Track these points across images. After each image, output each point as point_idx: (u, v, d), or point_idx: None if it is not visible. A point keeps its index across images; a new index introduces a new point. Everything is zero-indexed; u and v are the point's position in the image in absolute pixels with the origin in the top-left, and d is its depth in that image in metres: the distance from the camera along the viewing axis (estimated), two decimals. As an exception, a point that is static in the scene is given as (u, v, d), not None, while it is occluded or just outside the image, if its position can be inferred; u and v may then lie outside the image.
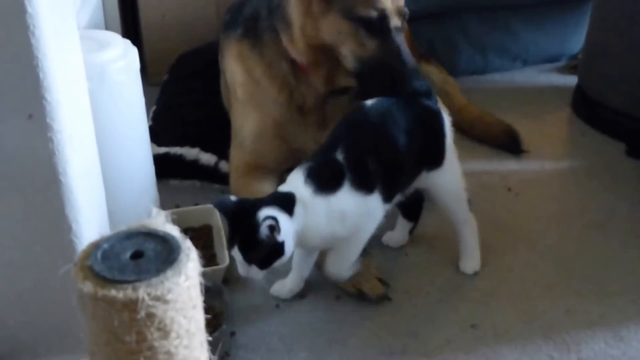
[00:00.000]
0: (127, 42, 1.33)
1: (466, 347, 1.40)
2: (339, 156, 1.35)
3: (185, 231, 1.61)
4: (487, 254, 1.65)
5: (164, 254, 0.83)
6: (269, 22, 1.67)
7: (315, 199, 1.32)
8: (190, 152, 1.91)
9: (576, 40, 2.64)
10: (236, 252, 1.30)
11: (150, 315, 0.78)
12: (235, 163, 1.80)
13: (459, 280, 1.58)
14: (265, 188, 1.77)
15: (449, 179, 1.52)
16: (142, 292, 0.77)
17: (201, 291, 0.89)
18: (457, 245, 1.61)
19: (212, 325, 1.37)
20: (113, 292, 0.77)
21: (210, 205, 1.70)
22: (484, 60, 2.60)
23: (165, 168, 1.88)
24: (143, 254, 0.83)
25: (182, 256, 0.82)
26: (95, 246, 0.82)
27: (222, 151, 1.89)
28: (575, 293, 1.54)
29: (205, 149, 1.91)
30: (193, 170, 1.90)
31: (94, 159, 1.18)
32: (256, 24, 1.71)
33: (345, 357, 1.38)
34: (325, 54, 1.59)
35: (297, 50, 1.61)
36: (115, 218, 1.28)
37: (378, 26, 1.51)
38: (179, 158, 1.90)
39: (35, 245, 1.10)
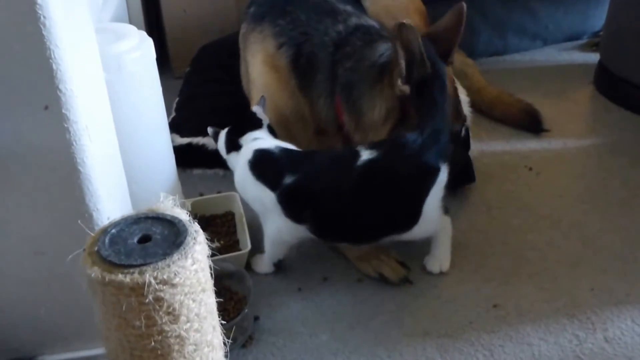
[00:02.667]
0: (143, 33, 1.31)
1: (489, 328, 1.35)
2: (288, 179, 1.35)
3: (209, 218, 1.65)
4: (509, 233, 1.60)
5: (171, 238, 0.80)
6: (328, 86, 1.59)
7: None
8: (212, 142, 1.88)
9: (598, 17, 2.54)
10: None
11: (158, 299, 0.76)
12: None
13: (480, 260, 1.53)
14: None
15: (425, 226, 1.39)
16: (148, 276, 0.74)
17: (211, 274, 0.86)
18: (481, 223, 1.56)
19: (236, 309, 1.36)
20: (120, 277, 0.75)
21: (232, 193, 1.68)
22: (502, 40, 2.52)
23: (188, 158, 1.87)
24: (150, 238, 0.81)
25: (189, 239, 0.80)
26: (103, 231, 0.80)
27: (243, 139, 1.86)
28: (600, 271, 1.48)
29: (227, 138, 1.88)
30: (215, 159, 1.87)
31: (113, 148, 1.16)
32: (312, 74, 1.61)
33: (367, 339, 1.35)
34: None
35: (355, 138, 1.54)
36: (137, 207, 1.26)
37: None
38: (201, 148, 1.88)
39: (62, 235, 1.09)
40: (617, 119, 2.07)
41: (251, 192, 1.44)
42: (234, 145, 1.49)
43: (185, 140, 1.89)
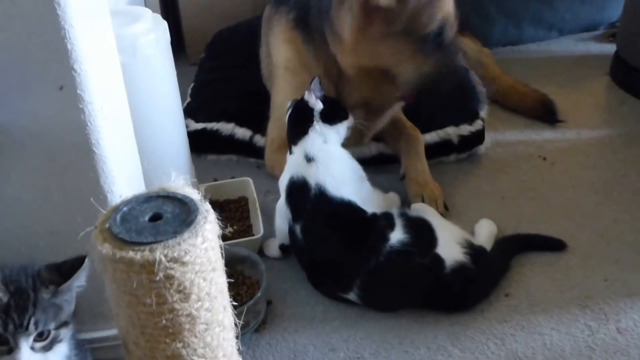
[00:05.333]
0: (157, 16, 1.29)
1: (500, 317, 1.33)
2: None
3: (223, 203, 1.64)
4: (522, 223, 1.57)
5: (182, 216, 0.79)
6: (318, 23, 1.60)
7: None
8: (225, 127, 1.87)
9: (614, 8, 2.48)
10: None
11: (169, 277, 0.75)
12: (271, 136, 1.76)
13: (493, 249, 1.51)
14: None
15: None
16: (159, 253, 0.74)
17: (222, 254, 0.84)
18: (494, 212, 1.56)
19: (249, 294, 1.35)
20: (131, 254, 0.74)
21: (246, 178, 1.67)
22: (518, 30, 2.48)
23: (202, 143, 1.86)
24: (161, 217, 0.80)
25: (200, 218, 0.79)
26: (114, 209, 0.79)
27: (257, 125, 1.85)
28: (614, 262, 1.45)
29: (240, 123, 1.87)
30: (229, 144, 1.87)
31: (127, 130, 1.15)
32: (307, 18, 1.64)
33: (378, 326, 1.34)
34: (371, 74, 1.53)
35: (345, 65, 1.54)
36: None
37: (437, 41, 1.45)
38: (215, 133, 1.87)
39: (76, 216, 1.08)
40: (633, 110, 2.02)
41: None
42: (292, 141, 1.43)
43: (200, 126, 1.88)
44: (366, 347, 1.29)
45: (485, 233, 1.47)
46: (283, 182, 1.43)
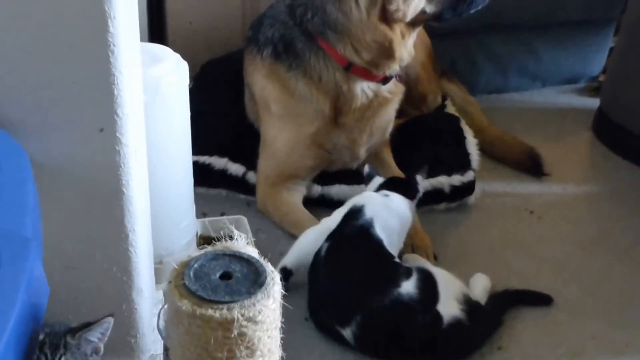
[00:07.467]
0: (178, 56, 1.39)
1: (494, 369, 1.46)
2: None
3: (213, 240, 1.71)
4: (512, 277, 1.71)
5: (252, 276, 0.90)
6: (310, 44, 1.77)
7: None
8: (218, 162, 1.95)
9: (597, 62, 2.72)
10: None
11: (242, 335, 0.85)
12: (265, 173, 1.86)
13: (485, 301, 1.64)
14: (295, 198, 1.85)
15: None
16: (236, 312, 0.84)
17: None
18: (484, 264, 1.69)
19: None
20: (210, 312, 0.84)
21: (240, 216, 1.75)
22: (503, 79, 2.67)
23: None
24: (231, 276, 0.89)
25: (269, 279, 0.90)
26: (185, 265, 0.89)
27: (251, 162, 1.94)
28: (600, 319, 1.60)
29: (234, 159, 1.96)
30: (220, 179, 1.95)
31: (145, 170, 1.23)
32: (292, 47, 1.81)
33: (376, 373, 1.43)
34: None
35: (364, 46, 1.72)
36: (154, 228, 1.32)
37: None
38: (207, 167, 1.95)
39: (95, 252, 1.16)
40: (615, 167, 2.21)
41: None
42: None
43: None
44: (364, 396, 1.39)
45: (480, 287, 1.61)
46: (341, 210, 1.61)
